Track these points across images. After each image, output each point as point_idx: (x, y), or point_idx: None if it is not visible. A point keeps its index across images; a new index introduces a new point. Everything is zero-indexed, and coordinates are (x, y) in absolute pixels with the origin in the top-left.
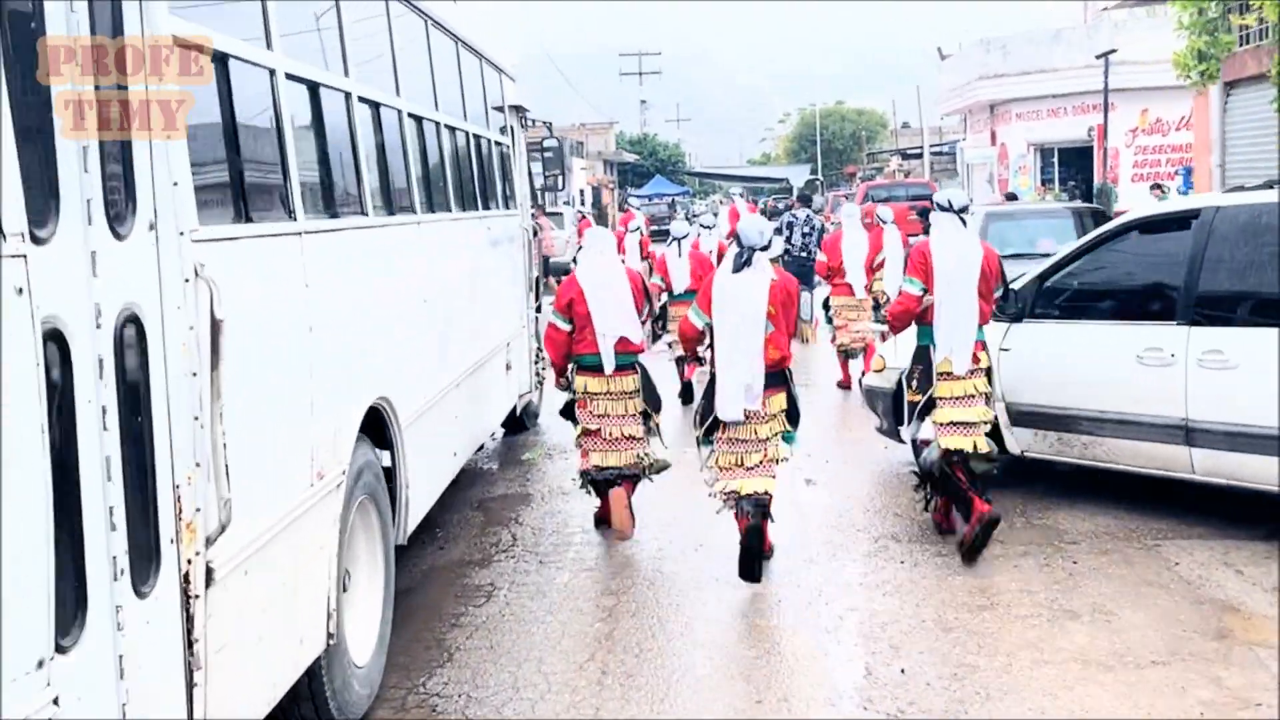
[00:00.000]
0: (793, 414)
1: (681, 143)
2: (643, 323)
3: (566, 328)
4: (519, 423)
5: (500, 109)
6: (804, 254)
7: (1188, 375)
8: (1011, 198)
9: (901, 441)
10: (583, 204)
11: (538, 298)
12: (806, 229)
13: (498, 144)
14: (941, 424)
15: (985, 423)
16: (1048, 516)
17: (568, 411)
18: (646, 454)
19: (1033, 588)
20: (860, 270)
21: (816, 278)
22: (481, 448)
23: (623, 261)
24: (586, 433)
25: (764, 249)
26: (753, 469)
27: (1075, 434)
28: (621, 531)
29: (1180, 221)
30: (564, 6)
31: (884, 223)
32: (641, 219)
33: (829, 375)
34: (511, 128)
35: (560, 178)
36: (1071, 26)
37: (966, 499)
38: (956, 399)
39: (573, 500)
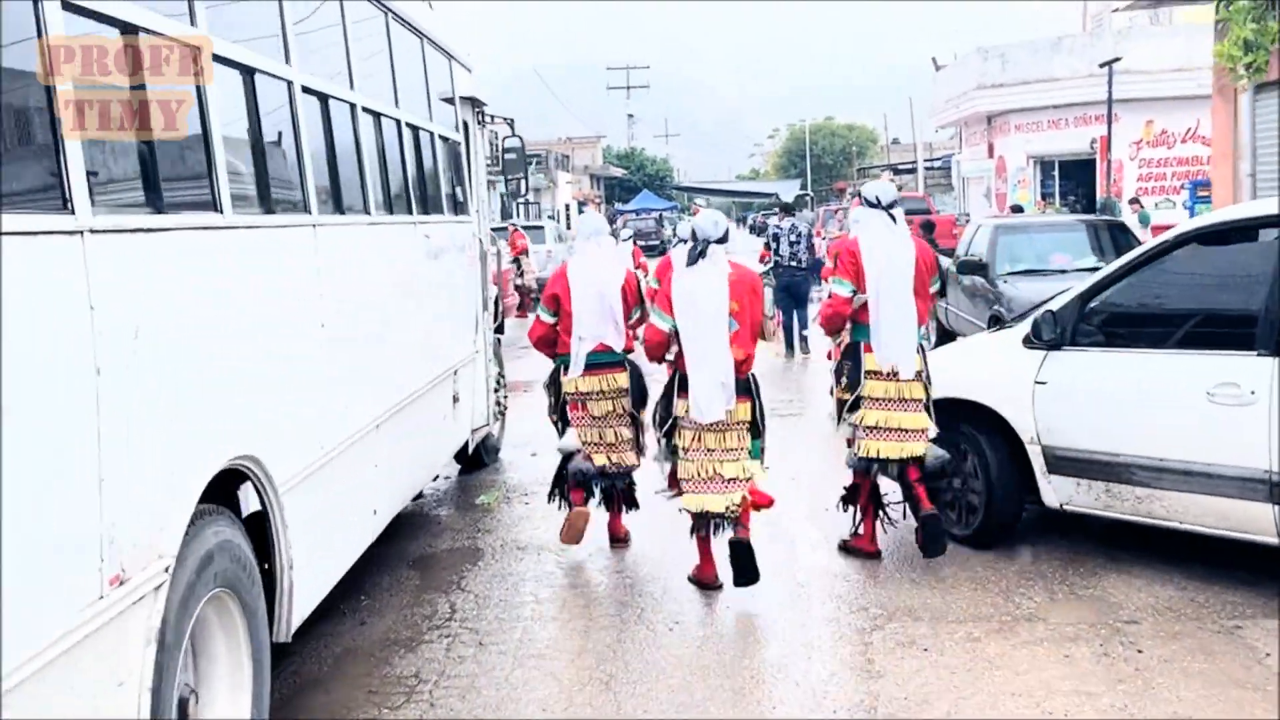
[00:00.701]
0: (756, 425)
1: (670, 158)
2: (633, 326)
3: (550, 320)
4: (476, 458)
5: (450, 101)
6: (794, 264)
7: (1272, 417)
8: (1017, 210)
9: None
10: (568, 218)
11: (499, 318)
12: (793, 238)
13: (444, 139)
14: (867, 427)
15: (920, 431)
16: (1095, 585)
17: (558, 412)
18: (641, 451)
19: (1092, 688)
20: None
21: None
22: (420, 496)
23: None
24: (584, 438)
25: (720, 241)
26: (721, 482)
27: (1128, 485)
28: (572, 539)
29: (1251, 230)
30: (554, 22)
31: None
32: (629, 230)
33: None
34: (466, 124)
35: (523, 182)
36: (1073, 35)
37: (913, 505)
38: (884, 401)
39: (527, 559)
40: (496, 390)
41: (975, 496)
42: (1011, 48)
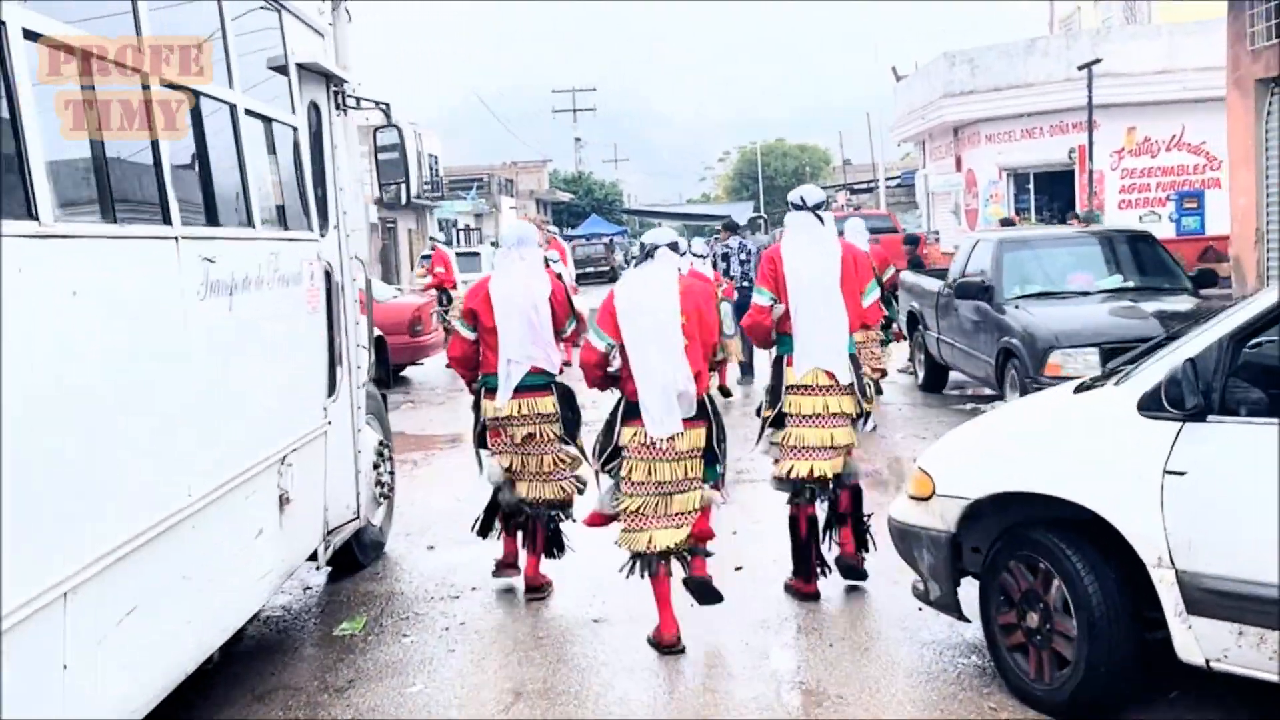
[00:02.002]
0: (714, 452)
1: (620, 182)
2: (568, 339)
3: (470, 336)
4: (351, 558)
5: (282, 70)
6: (746, 283)
7: None
8: (1008, 224)
9: (964, 619)
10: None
11: (381, 365)
12: (743, 255)
13: (268, 121)
14: (787, 446)
15: (840, 446)
16: None
17: (481, 439)
18: (576, 481)
19: None
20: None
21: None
22: (247, 623)
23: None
24: (505, 465)
25: (672, 246)
26: (675, 516)
27: None
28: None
29: None
30: (500, 52)
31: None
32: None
33: None
34: (316, 106)
35: (405, 187)
36: (1047, 36)
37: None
38: (811, 418)
39: None
40: (378, 466)
41: (1065, 642)
42: (981, 52)
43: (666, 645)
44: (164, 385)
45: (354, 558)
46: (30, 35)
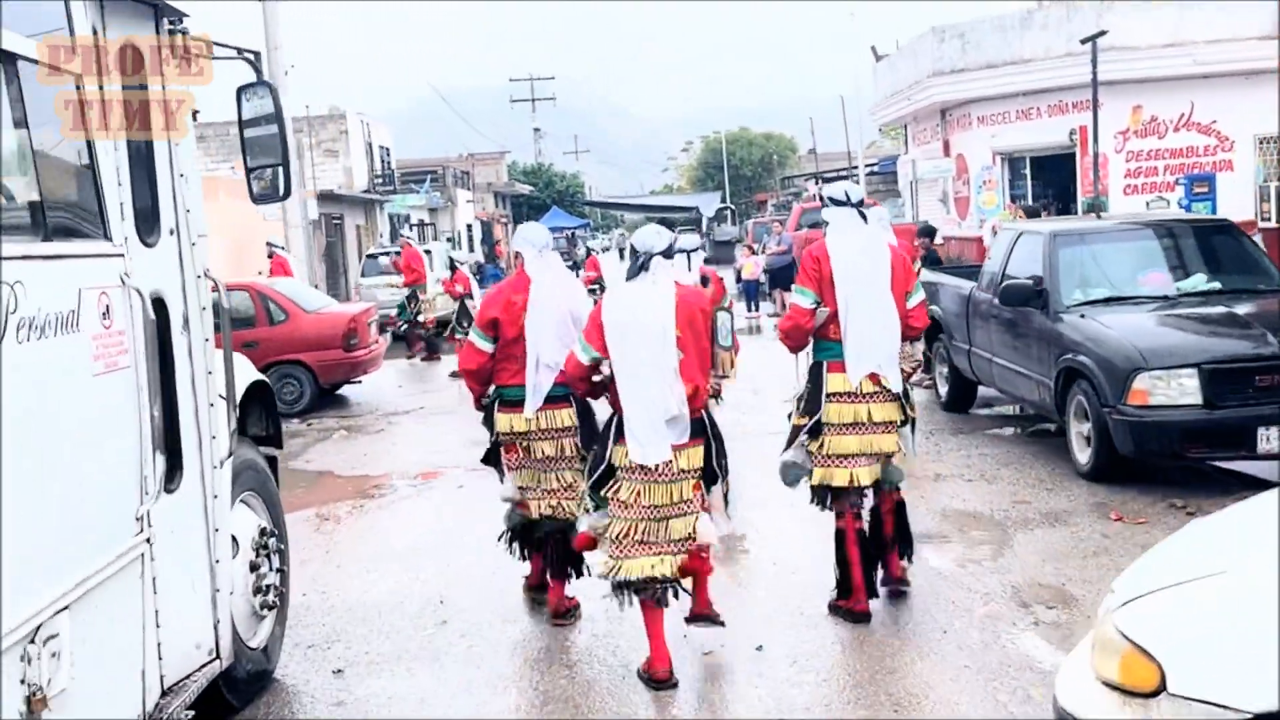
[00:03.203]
0: (713, 472)
1: (581, 174)
2: None
3: (489, 348)
4: (221, 700)
5: None
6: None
7: None
8: (1033, 214)
9: None
10: (469, 241)
11: (274, 425)
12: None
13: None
14: (824, 455)
15: (886, 455)
16: None
17: (491, 458)
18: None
19: None
20: None
21: None
22: None
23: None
24: (521, 482)
25: (665, 254)
26: (673, 543)
27: None
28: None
29: None
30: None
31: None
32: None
33: None
34: (134, 50)
35: (281, 175)
36: (1045, 7)
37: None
38: (851, 426)
39: None
40: (258, 566)
41: None
42: (973, 25)
43: (656, 679)
44: None
45: (223, 697)
46: None
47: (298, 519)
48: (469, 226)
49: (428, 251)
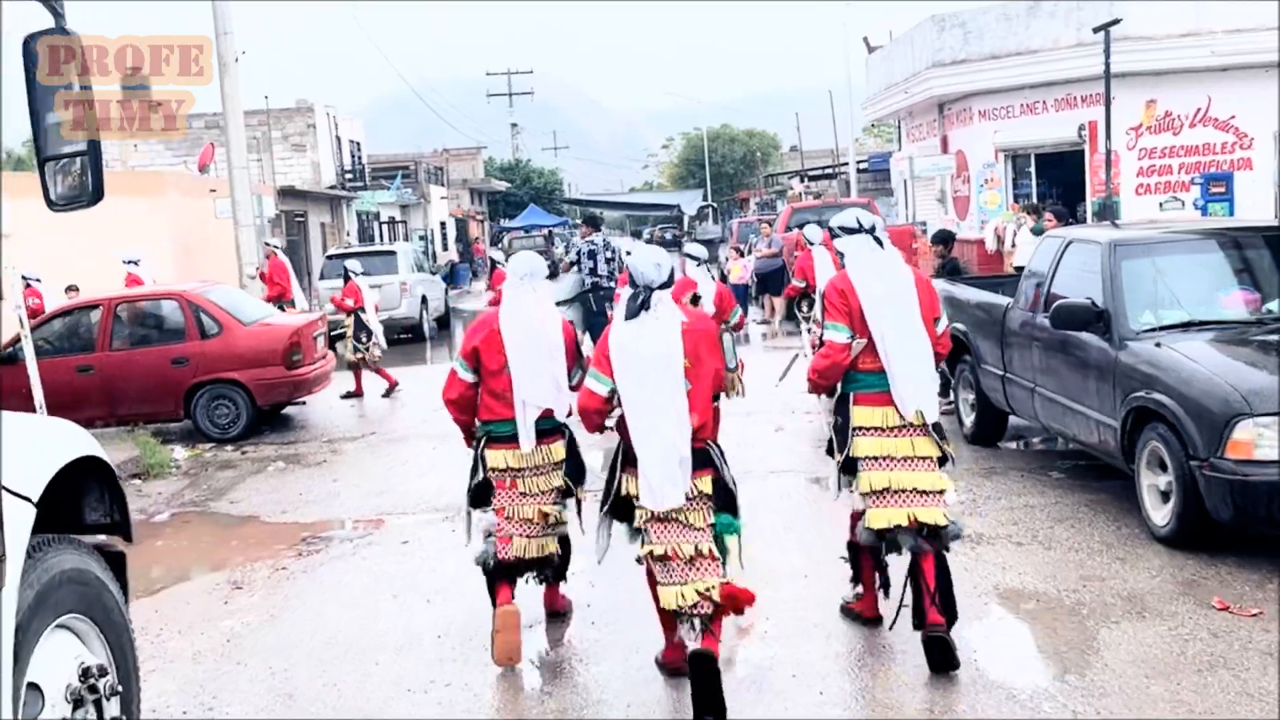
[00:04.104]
0: (723, 498)
1: (560, 170)
2: (574, 388)
3: (470, 379)
4: None
5: None
6: (612, 284)
7: None
8: (1063, 219)
9: None
10: (443, 239)
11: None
12: (608, 254)
13: None
14: (867, 493)
15: (934, 492)
16: None
17: (479, 498)
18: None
19: None
20: None
21: None
22: None
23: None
24: (506, 515)
25: (665, 286)
26: (688, 566)
27: None
28: (507, 657)
29: None
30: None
31: (811, 244)
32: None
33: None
34: None
35: (88, 168)
36: None
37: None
38: (883, 460)
39: None
40: None
41: None
42: (976, 14)
43: (673, 667)
44: None
45: None
46: None
47: (201, 589)
48: (442, 224)
49: (389, 252)
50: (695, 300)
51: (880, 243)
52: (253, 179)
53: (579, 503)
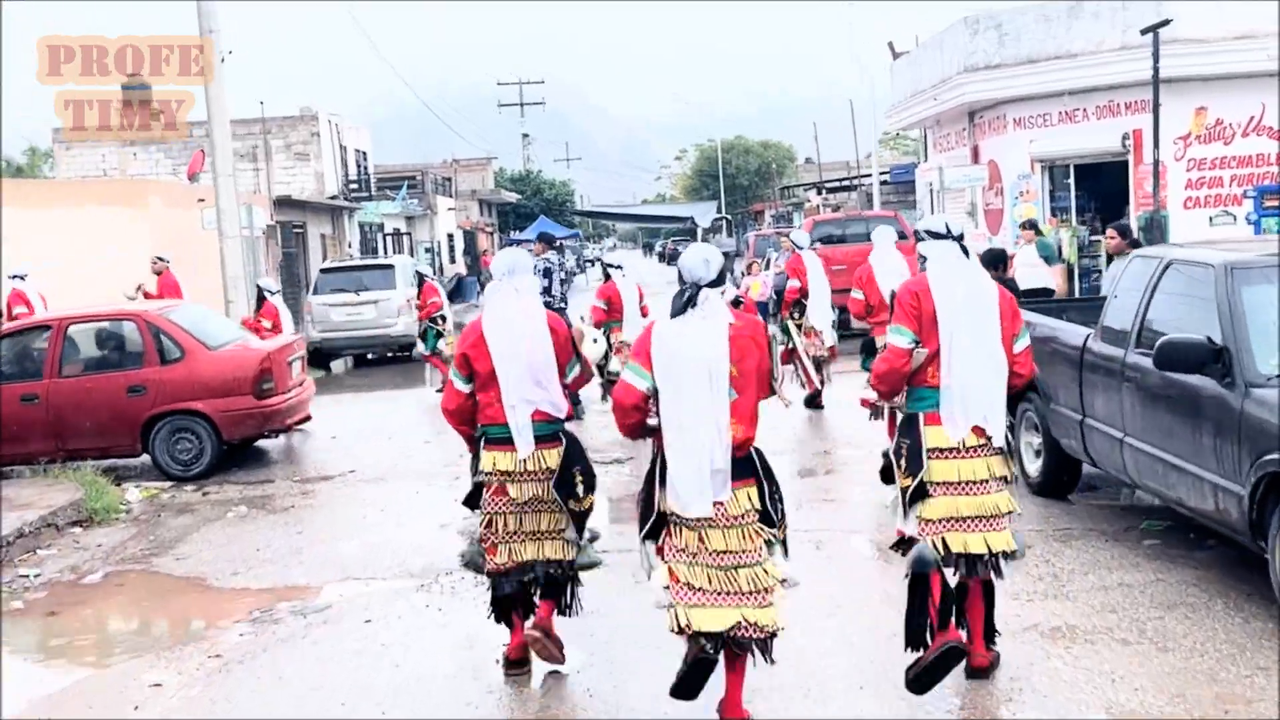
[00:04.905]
0: (770, 513)
1: (571, 182)
2: (570, 387)
3: (466, 389)
4: None
5: None
6: (564, 305)
7: None
8: (1126, 234)
9: None
10: (450, 250)
11: None
12: (563, 275)
13: None
14: (932, 520)
15: (1004, 515)
16: None
17: (473, 500)
18: (573, 545)
19: None
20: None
21: None
22: None
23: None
24: (489, 523)
25: (714, 284)
26: (720, 595)
27: None
28: (550, 659)
29: None
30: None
31: (800, 249)
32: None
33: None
34: None
35: None
36: None
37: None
38: (956, 485)
39: None
40: None
41: None
42: (1012, 14)
43: None
44: None
45: None
46: None
47: (113, 684)
48: (449, 236)
49: (387, 266)
50: (737, 303)
51: (965, 252)
52: (249, 188)
53: (588, 510)
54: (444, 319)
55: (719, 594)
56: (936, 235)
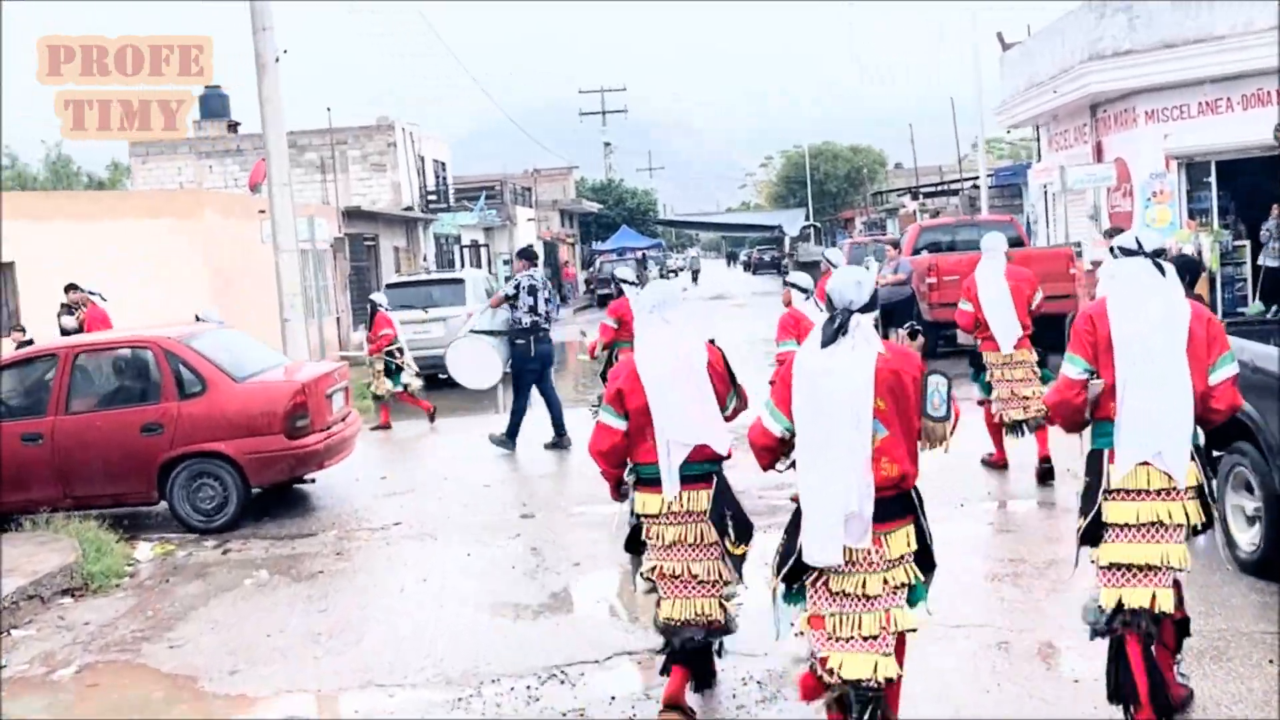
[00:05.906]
0: (924, 559)
1: (654, 191)
2: (728, 417)
3: (620, 426)
4: None
5: None
6: (548, 326)
7: None
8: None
9: None
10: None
11: None
12: (547, 294)
13: None
14: (1106, 566)
15: (1175, 569)
16: None
17: (633, 543)
18: (729, 601)
19: None
20: (1008, 316)
21: None
22: None
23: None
24: (660, 573)
25: (865, 309)
26: (858, 641)
27: None
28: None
29: None
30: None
31: (834, 266)
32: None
33: None
34: None
35: None
36: None
37: (1144, 683)
38: (1135, 529)
39: None
40: None
41: None
42: None
43: None
44: None
45: None
46: None
47: None
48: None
49: (458, 280)
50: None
51: (1162, 270)
52: (317, 199)
53: (738, 559)
54: (401, 351)
55: (843, 640)
56: (1129, 252)
